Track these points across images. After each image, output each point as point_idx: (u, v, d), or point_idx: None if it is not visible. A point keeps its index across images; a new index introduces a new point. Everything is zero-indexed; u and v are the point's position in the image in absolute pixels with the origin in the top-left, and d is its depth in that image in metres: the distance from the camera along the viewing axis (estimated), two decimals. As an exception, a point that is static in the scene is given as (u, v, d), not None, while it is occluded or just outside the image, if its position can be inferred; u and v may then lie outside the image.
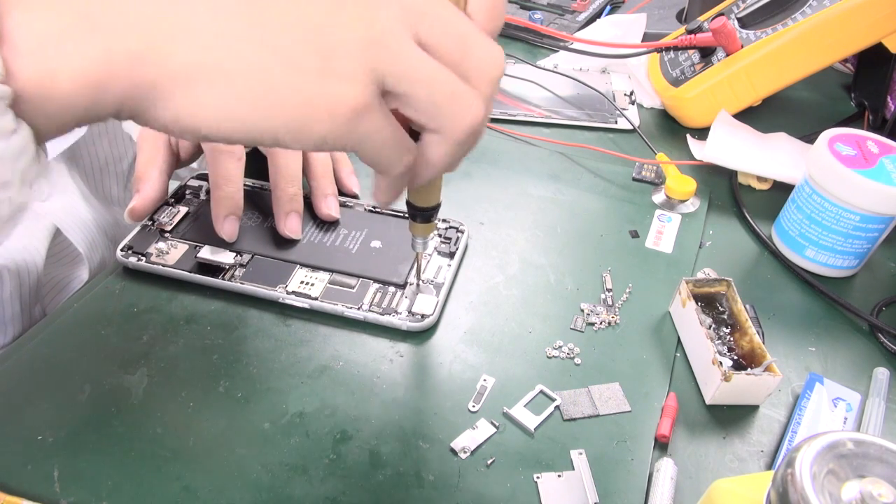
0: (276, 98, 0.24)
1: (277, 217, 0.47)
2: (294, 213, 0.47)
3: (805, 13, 0.62)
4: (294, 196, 0.47)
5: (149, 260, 0.46)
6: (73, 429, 0.37)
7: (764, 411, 0.41)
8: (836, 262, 0.50)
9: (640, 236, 0.53)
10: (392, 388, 0.40)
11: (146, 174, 0.47)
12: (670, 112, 0.69)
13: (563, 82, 0.72)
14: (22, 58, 0.21)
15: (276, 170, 0.47)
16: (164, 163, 0.47)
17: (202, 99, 0.23)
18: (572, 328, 0.45)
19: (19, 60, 0.21)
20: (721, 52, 0.65)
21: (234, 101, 0.23)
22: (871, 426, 0.40)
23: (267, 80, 0.23)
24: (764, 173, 0.58)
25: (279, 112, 0.24)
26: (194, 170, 0.55)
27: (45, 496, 0.34)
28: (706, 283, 0.45)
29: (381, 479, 0.36)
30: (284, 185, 0.47)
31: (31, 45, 0.21)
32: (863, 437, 0.24)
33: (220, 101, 0.23)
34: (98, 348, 0.41)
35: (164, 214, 0.49)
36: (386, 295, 0.44)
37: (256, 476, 0.35)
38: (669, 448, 0.39)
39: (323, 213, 0.49)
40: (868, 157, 0.47)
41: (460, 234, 0.49)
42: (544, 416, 0.39)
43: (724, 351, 0.42)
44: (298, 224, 0.47)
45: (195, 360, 0.41)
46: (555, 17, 0.84)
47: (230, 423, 0.38)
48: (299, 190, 0.48)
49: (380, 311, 0.43)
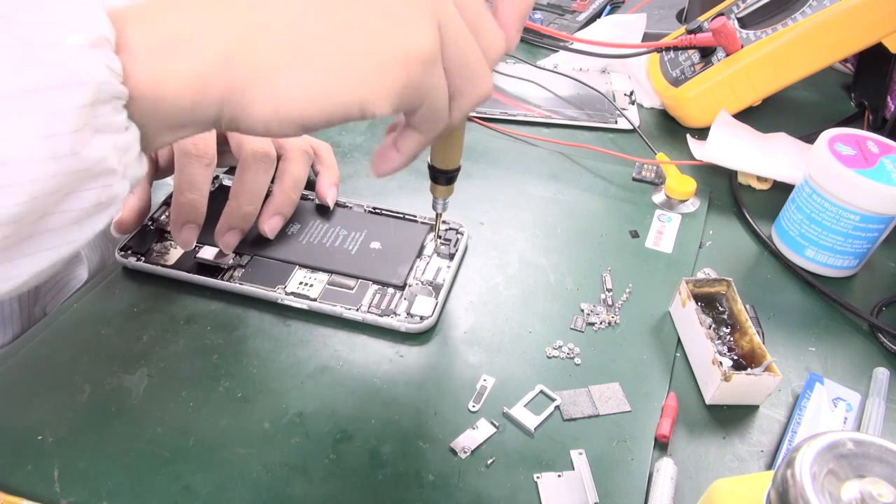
0: (353, 61, 0.26)
1: (220, 227, 0.44)
2: (238, 232, 0.45)
3: (805, 13, 0.62)
4: (247, 216, 0.45)
5: (148, 260, 0.46)
6: (73, 429, 0.37)
7: (764, 411, 0.41)
8: (836, 262, 0.50)
9: (640, 236, 0.53)
10: (392, 387, 0.40)
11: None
12: (670, 112, 0.69)
13: (563, 82, 0.72)
14: (137, 64, 0.24)
15: (241, 184, 0.45)
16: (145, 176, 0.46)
17: (293, 84, 0.25)
18: (572, 328, 0.45)
19: (134, 66, 0.24)
20: (721, 52, 0.65)
21: (323, 79, 0.26)
22: (871, 426, 0.40)
23: (345, 51, 0.26)
24: (764, 173, 0.58)
25: (358, 74, 0.26)
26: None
27: (45, 496, 0.34)
28: (706, 283, 0.45)
29: (381, 479, 0.36)
30: (243, 201, 0.45)
31: (146, 51, 0.24)
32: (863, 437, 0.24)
33: (310, 82, 0.25)
34: (98, 348, 0.41)
35: (165, 215, 0.49)
36: (385, 296, 0.44)
37: (256, 476, 0.35)
38: (669, 448, 0.39)
39: (261, 229, 0.46)
40: (868, 157, 0.47)
41: (460, 235, 0.49)
42: (544, 416, 0.39)
43: (724, 351, 0.42)
44: (236, 243, 0.45)
45: (195, 360, 0.41)
46: (555, 17, 0.84)
47: (230, 423, 0.38)
48: (255, 210, 0.45)
49: (378, 313, 0.43)
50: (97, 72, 0.22)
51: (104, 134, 0.23)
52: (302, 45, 0.25)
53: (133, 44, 0.24)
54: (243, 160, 0.45)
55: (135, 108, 0.24)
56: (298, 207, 0.49)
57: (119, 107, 0.23)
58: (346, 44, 0.26)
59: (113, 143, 0.24)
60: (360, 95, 0.26)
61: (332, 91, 0.26)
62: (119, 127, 0.24)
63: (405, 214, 0.50)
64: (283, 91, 0.25)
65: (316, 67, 0.25)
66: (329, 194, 0.50)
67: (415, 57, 0.26)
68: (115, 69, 0.23)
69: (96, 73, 0.22)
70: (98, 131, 0.23)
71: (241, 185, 0.45)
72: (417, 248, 0.48)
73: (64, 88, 0.22)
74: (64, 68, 0.22)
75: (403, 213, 0.51)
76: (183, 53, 0.24)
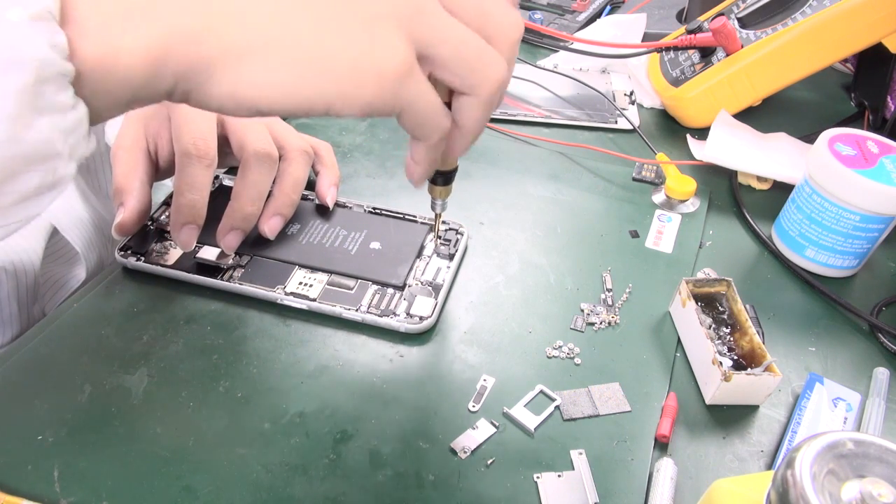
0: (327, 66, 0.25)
1: (221, 228, 0.44)
2: (240, 233, 0.45)
3: (805, 13, 0.62)
4: (248, 217, 0.44)
5: (148, 260, 0.46)
6: (73, 429, 0.37)
7: (764, 411, 0.41)
8: (836, 262, 0.50)
9: (640, 236, 0.53)
10: (392, 387, 0.40)
11: (128, 185, 0.44)
12: (670, 112, 0.69)
13: (563, 82, 0.72)
14: (86, 37, 0.22)
15: (243, 185, 0.44)
16: (144, 173, 0.45)
17: (258, 72, 0.25)
18: (572, 328, 0.45)
19: (83, 40, 0.22)
20: (721, 52, 0.65)
21: (289, 73, 0.25)
22: (871, 426, 0.40)
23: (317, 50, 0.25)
24: (764, 173, 0.58)
25: (330, 79, 0.25)
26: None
27: (45, 496, 0.34)
28: (706, 283, 0.45)
29: (381, 479, 0.36)
30: (245, 202, 0.44)
31: (96, 24, 0.23)
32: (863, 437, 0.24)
33: (274, 73, 0.25)
34: (98, 348, 0.41)
35: (165, 215, 0.49)
36: (384, 296, 0.44)
37: (256, 476, 0.35)
38: (669, 448, 0.39)
39: (261, 229, 0.46)
40: (868, 157, 0.47)
41: (460, 236, 0.49)
42: (544, 416, 0.39)
43: (724, 351, 0.42)
44: (238, 243, 0.45)
45: (195, 360, 0.41)
46: (555, 17, 0.84)
47: (230, 423, 0.38)
48: (258, 211, 0.45)
49: (378, 313, 0.43)
50: (39, 49, 0.21)
51: (48, 114, 0.22)
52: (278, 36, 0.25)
53: (82, 15, 0.22)
54: (245, 161, 0.44)
55: (83, 84, 0.23)
56: (298, 207, 0.49)
57: (65, 84, 0.22)
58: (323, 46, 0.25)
59: (58, 125, 0.22)
60: (327, 98, 0.26)
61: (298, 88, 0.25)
62: (65, 106, 0.23)
63: (405, 214, 0.50)
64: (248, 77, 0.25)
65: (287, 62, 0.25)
66: (329, 194, 0.50)
67: (387, 72, 0.26)
68: (59, 45, 0.22)
69: (38, 50, 0.21)
70: (41, 112, 0.22)
71: (243, 186, 0.44)
72: (417, 249, 0.48)
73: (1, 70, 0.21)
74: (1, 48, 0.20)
75: (403, 213, 0.51)
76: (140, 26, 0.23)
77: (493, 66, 0.28)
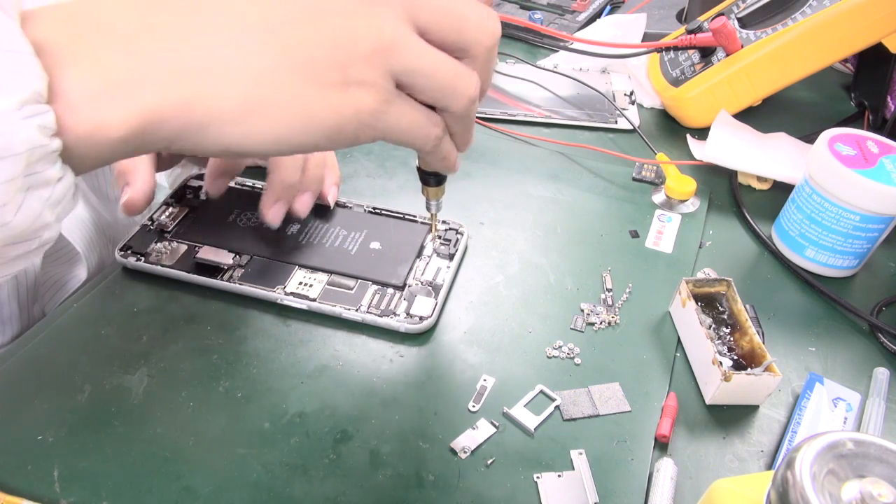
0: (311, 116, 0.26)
1: (265, 202, 0.44)
2: (284, 203, 0.45)
3: (805, 13, 0.62)
4: (290, 186, 0.45)
5: (148, 260, 0.46)
6: (73, 429, 0.37)
7: (764, 411, 0.41)
8: (836, 262, 0.50)
9: (640, 236, 0.53)
10: (392, 387, 0.40)
11: (133, 166, 0.44)
12: (670, 112, 0.69)
13: (563, 82, 0.72)
14: (75, 112, 0.23)
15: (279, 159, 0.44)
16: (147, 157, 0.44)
17: (249, 130, 0.26)
18: (572, 328, 0.45)
19: (72, 115, 0.22)
20: (721, 52, 0.65)
21: (277, 128, 0.26)
22: (871, 426, 0.40)
23: (301, 107, 0.26)
24: (764, 173, 0.58)
25: (315, 127, 0.27)
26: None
27: (45, 496, 0.34)
28: (706, 283, 0.45)
29: (381, 479, 0.36)
30: (288, 169, 0.44)
31: (84, 99, 0.23)
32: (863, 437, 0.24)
33: (265, 128, 0.26)
34: (98, 348, 0.41)
35: (164, 214, 0.49)
36: (384, 296, 0.44)
37: (256, 476, 0.35)
38: (669, 448, 0.39)
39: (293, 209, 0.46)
40: (868, 157, 0.47)
41: (460, 236, 0.49)
42: (544, 416, 0.39)
43: (724, 351, 0.42)
44: (283, 215, 0.45)
45: (195, 360, 0.41)
46: (555, 17, 0.84)
47: (230, 423, 0.38)
48: (297, 182, 0.45)
49: (378, 313, 0.43)
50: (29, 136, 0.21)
51: (37, 190, 0.22)
52: (266, 100, 0.25)
53: (69, 89, 0.23)
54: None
55: (71, 154, 0.23)
56: None
57: (54, 159, 0.22)
58: (305, 102, 0.26)
59: (46, 198, 0.23)
60: (314, 141, 0.27)
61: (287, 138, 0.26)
62: (53, 179, 0.23)
63: (405, 214, 0.50)
64: (239, 134, 0.26)
65: (274, 120, 0.26)
66: (329, 194, 0.50)
67: (364, 110, 0.27)
68: (48, 125, 0.22)
69: (28, 137, 0.21)
70: (30, 189, 0.22)
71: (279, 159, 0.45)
72: (417, 249, 0.48)
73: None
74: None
75: (403, 213, 0.51)
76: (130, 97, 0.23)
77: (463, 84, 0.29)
